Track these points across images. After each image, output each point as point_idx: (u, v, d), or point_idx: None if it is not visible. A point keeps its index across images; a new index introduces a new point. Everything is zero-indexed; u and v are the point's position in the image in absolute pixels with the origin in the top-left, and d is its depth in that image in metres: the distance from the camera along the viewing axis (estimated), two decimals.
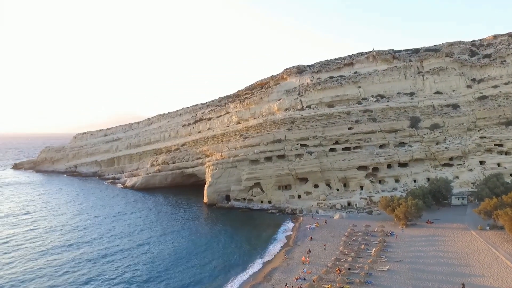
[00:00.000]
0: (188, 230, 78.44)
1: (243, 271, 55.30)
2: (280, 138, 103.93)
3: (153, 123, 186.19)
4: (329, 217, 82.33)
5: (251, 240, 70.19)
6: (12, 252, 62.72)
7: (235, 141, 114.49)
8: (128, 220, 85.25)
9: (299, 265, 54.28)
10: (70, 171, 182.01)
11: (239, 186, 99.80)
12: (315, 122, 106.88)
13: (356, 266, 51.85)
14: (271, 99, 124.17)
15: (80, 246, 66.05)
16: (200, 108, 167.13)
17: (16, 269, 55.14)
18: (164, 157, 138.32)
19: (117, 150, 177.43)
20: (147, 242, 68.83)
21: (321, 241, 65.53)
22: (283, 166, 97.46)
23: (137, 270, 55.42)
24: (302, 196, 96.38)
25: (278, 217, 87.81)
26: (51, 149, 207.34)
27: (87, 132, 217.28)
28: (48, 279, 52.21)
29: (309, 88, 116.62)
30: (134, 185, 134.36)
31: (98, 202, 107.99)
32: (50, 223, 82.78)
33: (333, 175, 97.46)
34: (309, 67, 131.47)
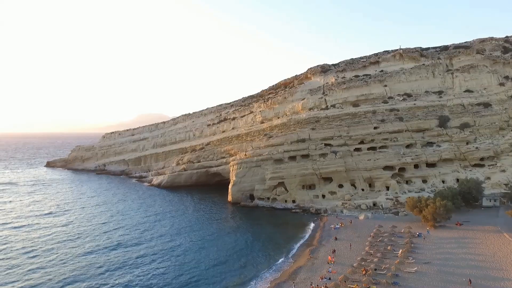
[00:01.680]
0: (213, 228, 79.62)
1: (268, 269, 55.74)
2: (304, 138, 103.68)
3: (178, 123, 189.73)
4: (354, 218, 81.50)
5: (276, 239, 70.51)
6: (56, 248, 65.12)
7: (259, 140, 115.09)
8: (156, 218, 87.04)
9: (324, 265, 54.18)
10: (99, 169, 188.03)
11: (263, 185, 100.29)
12: (339, 121, 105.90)
13: (382, 266, 51.25)
14: (295, 98, 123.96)
15: (113, 243, 67.99)
16: (224, 108, 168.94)
17: (64, 266, 57.05)
18: (189, 156, 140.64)
19: (144, 149, 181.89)
20: (174, 239, 70.32)
21: (346, 241, 65.07)
22: (307, 166, 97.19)
23: (165, 267, 56.68)
24: (327, 196, 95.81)
25: (302, 216, 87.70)
26: (82, 148, 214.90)
27: (115, 132, 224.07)
28: (87, 272, 54.31)
29: (334, 87, 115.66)
30: (160, 184, 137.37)
31: (127, 200, 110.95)
32: (86, 220, 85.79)
33: (358, 175, 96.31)
34: (334, 66, 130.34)
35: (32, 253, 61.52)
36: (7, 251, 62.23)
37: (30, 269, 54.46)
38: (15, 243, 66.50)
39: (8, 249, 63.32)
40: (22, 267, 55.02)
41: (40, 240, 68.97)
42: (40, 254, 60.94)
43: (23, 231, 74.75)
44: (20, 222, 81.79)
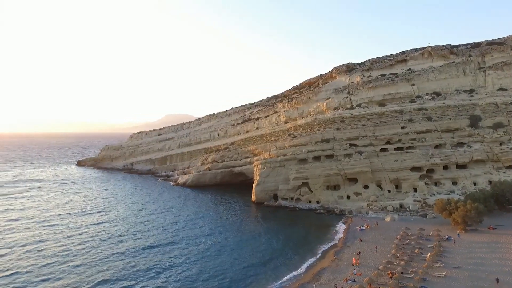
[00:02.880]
0: (237, 227, 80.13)
1: (292, 270, 55.53)
2: (329, 138, 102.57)
3: (203, 123, 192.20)
4: (380, 219, 79.91)
5: (299, 240, 70.16)
6: (89, 246, 67.01)
7: (283, 140, 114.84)
8: (184, 218, 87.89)
9: (348, 267, 53.42)
10: (127, 168, 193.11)
11: (287, 185, 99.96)
12: (365, 121, 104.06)
13: (409, 270, 49.99)
14: (319, 98, 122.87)
15: (144, 243, 69.00)
16: (248, 108, 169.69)
17: (97, 265, 58.55)
18: (213, 156, 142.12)
19: (170, 149, 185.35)
20: (200, 240, 70.99)
21: (371, 243, 63.87)
22: (331, 166, 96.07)
23: (193, 267, 57.35)
24: (352, 196, 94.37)
25: (326, 217, 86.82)
26: (110, 148, 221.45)
27: (142, 132, 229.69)
28: (122, 268, 56.00)
29: (359, 86, 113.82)
30: (186, 183, 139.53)
31: (156, 199, 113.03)
32: (117, 219, 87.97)
33: (384, 176, 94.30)
34: (359, 65, 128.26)
35: (67, 251, 63.16)
36: (42, 248, 64.34)
37: (64, 266, 56.09)
38: (50, 241, 68.63)
39: (43, 246, 65.43)
40: (56, 264, 56.77)
41: (74, 238, 71.02)
42: (74, 252, 62.65)
43: (57, 228, 77.28)
44: (54, 220, 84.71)
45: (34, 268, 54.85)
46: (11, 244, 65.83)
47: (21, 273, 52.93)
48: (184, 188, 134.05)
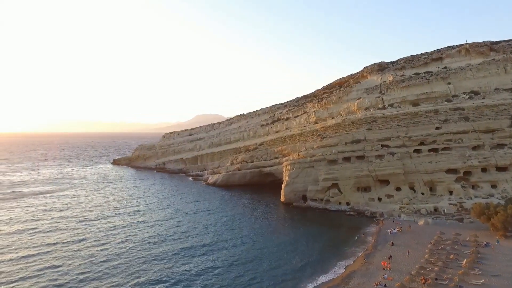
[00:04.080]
0: (266, 228, 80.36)
1: (320, 272, 55.07)
2: (360, 138, 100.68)
3: (233, 123, 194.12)
4: (413, 223, 77.52)
5: (329, 241, 69.43)
6: (127, 242, 69.24)
7: (312, 141, 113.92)
8: (215, 218, 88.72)
9: (379, 271, 52.29)
10: (159, 168, 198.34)
11: (316, 186, 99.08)
12: (398, 121, 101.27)
13: (444, 276, 48.25)
14: (350, 98, 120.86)
15: (177, 241, 70.43)
16: (278, 109, 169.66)
17: (134, 262, 60.82)
18: (243, 156, 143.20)
19: (200, 149, 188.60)
20: (231, 240, 71.54)
21: (403, 247, 62.13)
22: (362, 167, 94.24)
23: (224, 266, 58.09)
24: (383, 199, 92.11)
25: (356, 219, 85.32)
26: (144, 147, 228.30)
27: (174, 132, 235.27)
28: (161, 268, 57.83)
29: (392, 85, 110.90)
30: (215, 182, 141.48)
31: (189, 198, 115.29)
32: (152, 217, 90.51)
33: (417, 178, 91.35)
34: (392, 63, 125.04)
35: (105, 250, 64.82)
36: (82, 246, 66.59)
37: (103, 265, 57.65)
38: (90, 239, 70.77)
39: (83, 244, 67.71)
40: (95, 263, 58.40)
41: (112, 236, 73.03)
42: (112, 251, 64.29)
43: (97, 227, 79.88)
44: (93, 218, 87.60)
45: (74, 266, 56.93)
46: (53, 241, 68.71)
47: (63, 271, 54.95)
48: (214, 188, 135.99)
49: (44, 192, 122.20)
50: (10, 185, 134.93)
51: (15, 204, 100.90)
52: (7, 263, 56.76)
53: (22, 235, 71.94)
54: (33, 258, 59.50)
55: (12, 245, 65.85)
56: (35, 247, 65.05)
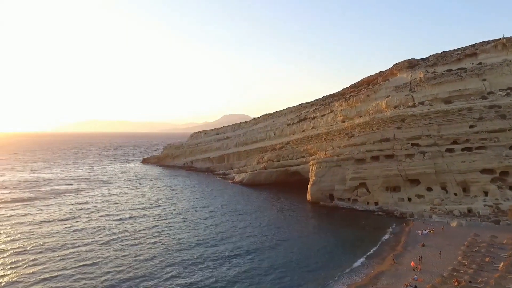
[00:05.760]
0: (293, 227, 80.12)
1: (348, 271, 54.39)
2: (389, 137, 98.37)
3: (259, 122, 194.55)
4: (445, 224, 74.98)
5: (357, 241, 68.38)
6: (160, 240, 70.01)
7: (339, 139, 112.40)
8: (243, 217, 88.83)
9: (409, 272, 50.98)
10: (187, 166, 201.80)
11: (343, 185, 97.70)
12: (429, 119, 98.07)
13: (478, 279, 46.39)
14: (378, 96, 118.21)
15: (207, 239, 70.98)
16: (304, 108, 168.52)
17: (165, 259, 61.70)
18: (269, 155, 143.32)
19: (227, 148, 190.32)
20: (258, 238, 71.52)
21: (435, 248, 60.22)
22: (391, 167, 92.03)
23: (252, 264, 58.36)
24: (413, 199, 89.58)
25: (385, 219, 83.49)
26: (172, 147, 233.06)
27: (201, 131, 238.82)
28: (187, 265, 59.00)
29: (423, 83, 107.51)
30: (242, 181, 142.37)
31: (217, 196, 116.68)
32: (185, 213, 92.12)
33: (450, 178, 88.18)
34: (423, 60, 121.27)
35: (140, 244, 66.36)
36: (114, 241, 68.38)
37: (137, 259, 59.01)
38: (124, 234, 72.71)
39: (115, 239, 69.48)
40: (130, 257, 59.87)
41: (146, 231, 74.84)
42: (146, 246, 65.65)
43: (130, 223, 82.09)
44: (126, 214, 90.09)
45: (111, 259, 58.73)
46: (90, 237, 71.10)
47: (101, 263, 56.96)
48: (241, 186, 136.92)
49: (79, 189, 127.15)
50: (46, 183, 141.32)
51: (52, 201, 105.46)
52: (48, 258, 59.18)
53: (61, 231, 74.70)
54: (72, 253, 61.60)
55: (53, 240, 68.57)
56: (73, 242, 67.29)
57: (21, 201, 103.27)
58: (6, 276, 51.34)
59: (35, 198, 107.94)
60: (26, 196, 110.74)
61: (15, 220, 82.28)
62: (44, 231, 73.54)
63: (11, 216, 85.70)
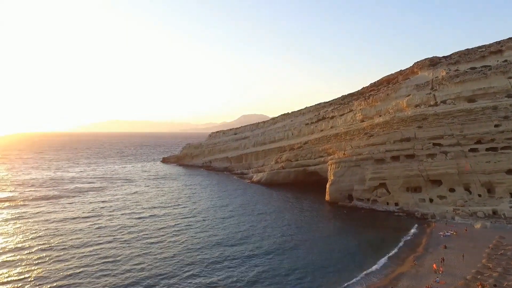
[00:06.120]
0: (312, 227, 79.85)
1: (368, 272, 53.79)
2: (409, 137, 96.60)
3: (277, 122, 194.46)
4: (469, 226, 73.11)
5: (376, 242, 67.54)
6: (181, 239, 71.08)
7: (358, 139, 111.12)
8: (262, 217, 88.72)
9: (430, 274, 50.02)
10: (206, 166, 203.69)
11: (363, 185, 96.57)
12: (451, 118, 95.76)
13: (504, 283, 45.03)
14: (399, 95, 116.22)
15: (226, 238, 71.46)
16: (323, 107, 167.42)
17: (187, 257, 63.31)
18: (287, 154, 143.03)
19: (245, 148, 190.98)
20: (278, 238, 71.42)
21: (457, 250, 58.84)
22: (412, 167, 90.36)
23: (272, 264, 58.51)
24: (435, 200, 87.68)
25: (405, 220, 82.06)
26: (191, 146, 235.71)
27: (220, 131, 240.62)
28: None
29: (445, 81, 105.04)
30: (260, 181, 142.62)
31: (235, 196, 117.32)
32: (205, 212, 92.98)
33: (473, 179, 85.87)
34: (445, 58, 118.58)
35: (160, 242, 67.31)
36: (135, 239, 69.50)
37: (158, 257, 59.89)
38: (143, 232, 73.84)
39: (137, 237, 70.53)
40: (151, 255, 60.86)
41: (166, 230, 75.91)
42: (167, 244, 66.56)
43: (151, 221, 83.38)
44: (145, 212, 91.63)
45: (132, 256, 59.93)
46: (112, 234, 72.64)
47: (123, 260, 58.15)
48: (259, 186, 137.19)
49: (101, 188, 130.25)
50: (70, 181, 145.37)
51: (75, 199, 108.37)
52: (72, 255, 60.92)
53: (84, 228, 76.62)
54: (95, 250, 63.09)
55: (76, 237, 70.38)
56: (96, 240, 68.88)
57: (47, 199, 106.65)
58: (34, 271, 53.17)
59: (60, 196, 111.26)
60: (51, 194, 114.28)
61: (41, 217, 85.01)
62: (68, 229, 75.69)
63: (38, 213, 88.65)
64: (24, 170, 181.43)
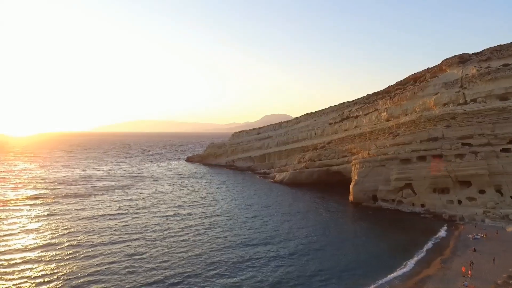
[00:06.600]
0: (336, 227, 79.17)
1: (393, 274, 52.78)
2: (437, 136, 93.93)
3: (300, 122, 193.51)
4: (500, 229, 70.43)
5: (401, 244, 66.15)
6: (205, 238, 71.53)
7: (383, 139, 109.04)
8: (286, 217, 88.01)
9: (458, 277, 48.56)
10: (229, 165, 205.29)
11: (388, 186, 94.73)
12: (482, 117, 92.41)
13: None
14: (426, 93, 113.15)
15: (251, 238, 71.48)
16: (347, 106, 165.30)
17: (212, 256, 64.12)
18: (310, 154, 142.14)
19: (268, 147, 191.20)
20: (301, 239, 70.80)
21: (488, 254, 56.82)
22: (439, 167, 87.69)
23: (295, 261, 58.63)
24: (463, 201, 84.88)
25: (432, 222, 79.92)
26: (214, 146, 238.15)
27: (243, 131, 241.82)
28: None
29: (475, 79, 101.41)
30: (282, 180, 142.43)
31: (259, 195, 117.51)
32: (229, 211, 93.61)
33: (506, 180, 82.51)
34: (475, 55, 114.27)
35: (185, 241, 68.07)
36: (160, 238, 70.36)
37: (182, 255, 60.63)
38: (168, 231, 74.77)
39: (162, 236, 71.51)
40: (175, 253, 61.66)
41: (191, 228, 76.85)
42: (191, 243, 67.17)
43: (176, 219, 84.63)
44: (170, 211, 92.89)
45: (157, 255, 60.81)
46: (139, 232, 74.12)
47: (148, 258, 59.13)
48: (281, 186, 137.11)
49: (128, 186, 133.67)
50: (98, 179, 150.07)
51: (103, 197, 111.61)
52: (100, 252, 62.72)
53: (112, 226, 78.55)
54: (121, 247, 64.55)
55: (104, 235, 72.34)
56: (123, 237, 70.31)
57: (76, 196, 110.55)
58: (65, 267, 55.17)
59: (89, 194, 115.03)
60: (80, 192, 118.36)
61: (71, 214, 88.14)
62: (96, 226, 78.09)
63: (68, 210, 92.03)
64: (55, 168, 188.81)
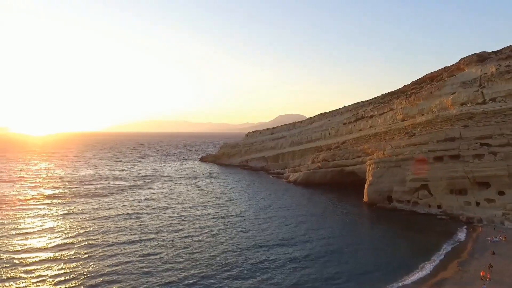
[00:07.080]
0: (351, 228, 78.48)
1: (408, 276, 51.98)
2: (454, 136, 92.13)
3: (314, 122, 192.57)
4: None
5: (417, 245, 65.19)
6: (220, 238, 72.14)
7: (399, 139, 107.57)
8: (301, 219, 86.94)
9: (476, 280, 47.56)
10: (242, 165, 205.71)
11: (403, 187, 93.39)
12: (501, 117, 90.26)
13: None
14: (443, 93, 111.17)
15: (264, 241, 71.43)
16: (361, 106, 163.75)
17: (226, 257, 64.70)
18: (324, 154, 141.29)
19: (282, 147, 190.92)
20: (316, 241, 70.06)
21: (508, 257, 55.50)
22: (457, 168, 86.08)
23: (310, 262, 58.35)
24: (482, 203, 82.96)
25: (449, 224, 78.38)
26: (228, 146, 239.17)
27: (256, 131, 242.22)
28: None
29: (494, 78, 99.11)
30: (296, 180, 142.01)
31: (276, 196, 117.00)
32: (244, 212, 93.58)
33: None
34: (495, 53, 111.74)
35: (199, 241, 68.08)
36: (175, 238, 70.70)
37: (195, 256, 60.67)
38: (182, 232, 74.91)
39: (177, 236, 71.78)
40: (190, 254, 61.64)
41: (205, 229, 76.94)
42: (205, 244, 67.04)
43: (190, 219, 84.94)
44: (185, 211, 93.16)
45: (172, 255, 60.93)
46: (154, 231, 74.60)
47: (164, 258, 59.36)
48: (295, 186, 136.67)
49: (143, 186, 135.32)
50: (113, 179, 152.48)
51: (119, 197, 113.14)
52: (115, 252, 63.56)
53: (128, 226, 79.18)
54: (137, 248, 64.89)
55: (120, 234, 73.07)
56: (138, 237, 70.59)
57: (93, 196, 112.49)
58: (81, 266, 55.96)
59: (105, 194, 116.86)
60: (97, 191, 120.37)
61: (88, 214, 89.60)
62: (112, 226, 79.05)
63: (85, 209, 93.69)
64: (72, 167, 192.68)
